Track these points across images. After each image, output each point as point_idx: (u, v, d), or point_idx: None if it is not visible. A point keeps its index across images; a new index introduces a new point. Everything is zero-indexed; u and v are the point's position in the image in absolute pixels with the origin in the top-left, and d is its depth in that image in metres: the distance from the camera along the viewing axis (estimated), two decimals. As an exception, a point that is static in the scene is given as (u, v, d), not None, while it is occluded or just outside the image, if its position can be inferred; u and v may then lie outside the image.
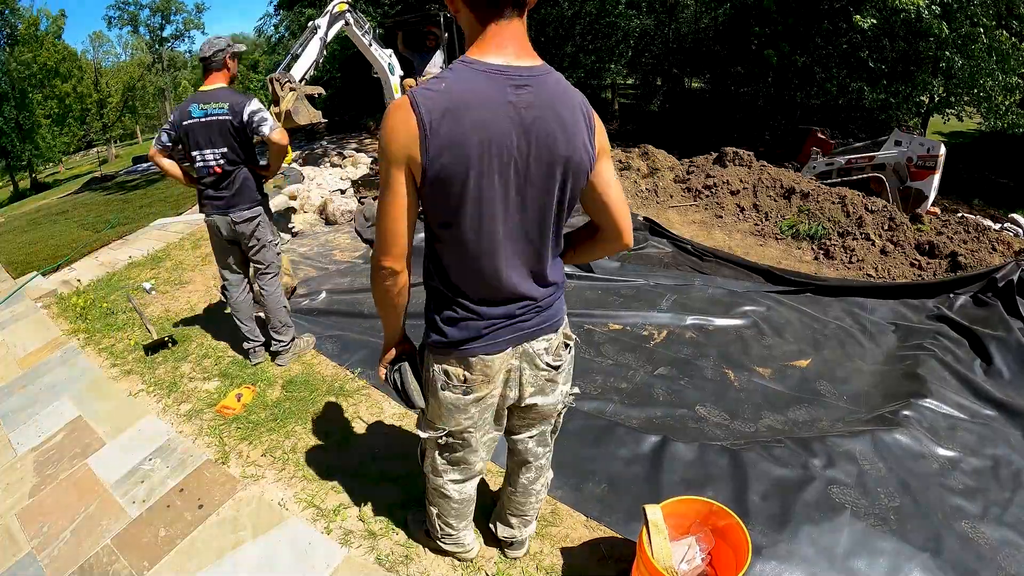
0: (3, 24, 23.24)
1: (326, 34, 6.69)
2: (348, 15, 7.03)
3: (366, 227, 6.81)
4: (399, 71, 8.32)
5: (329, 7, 6.75)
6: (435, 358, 1.57)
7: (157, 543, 2.40)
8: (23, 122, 23.12)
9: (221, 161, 3.09)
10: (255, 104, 3.07)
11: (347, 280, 5.34)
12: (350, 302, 4.75)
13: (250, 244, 3.33)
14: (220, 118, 3.01)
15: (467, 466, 1.81)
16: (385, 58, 7.97)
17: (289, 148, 5.99)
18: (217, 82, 3.11)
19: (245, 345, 3.64)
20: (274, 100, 5.80)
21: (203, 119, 3.01)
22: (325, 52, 6.87)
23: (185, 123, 3.04)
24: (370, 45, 7.62)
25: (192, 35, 38.75)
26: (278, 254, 3.50)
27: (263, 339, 3.69)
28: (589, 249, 1.65)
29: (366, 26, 7.44)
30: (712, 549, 2.00)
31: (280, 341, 3.61)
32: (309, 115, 6.00)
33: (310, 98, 6.08)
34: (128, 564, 2.32)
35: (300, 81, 6.04)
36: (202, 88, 3.10)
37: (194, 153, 3.09)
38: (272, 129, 3.06)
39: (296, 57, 6.27)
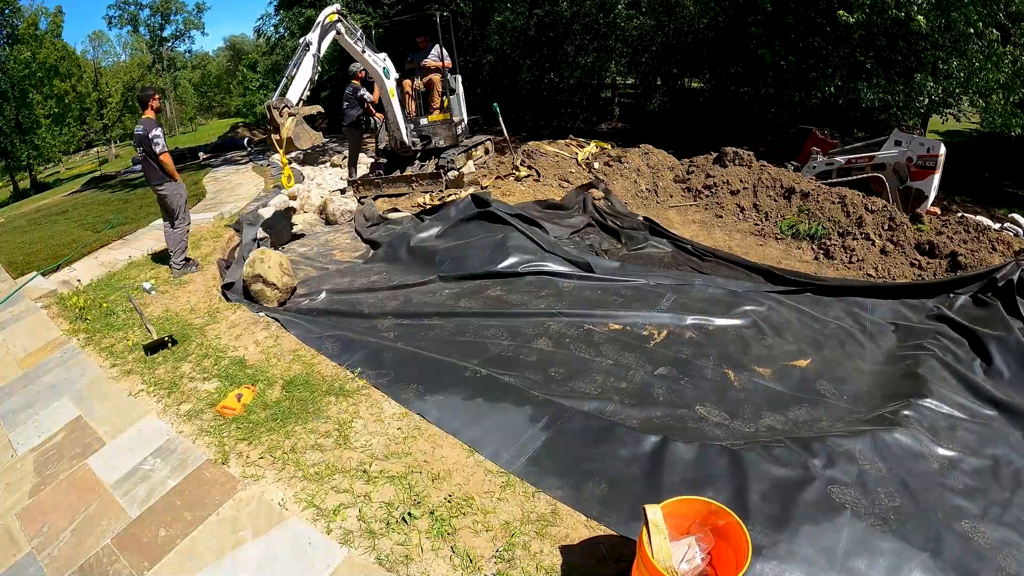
0: (3, 23, 23.23)
1: (319, 49, 6.59)
2: (339, 24, 6.95)
3: (366, 227, 6.82)
4: (394, 74, 8.29)
5: (319, 19, 6.65)
6: None
7: (157, 543, 2.41)
8: (23, 121, 23.10)
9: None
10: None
11: (347, 280, 5.34)
12: (350, 302, 4.75)
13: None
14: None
15: None
16: (379, 63, 7.93)
17: (289, 172, 6.23)
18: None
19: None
20: (274, 128, 5.78)
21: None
22: (320, 68, 6.76)
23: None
24: (363, 51, 7.57)
25: (192, 35, 38.80)
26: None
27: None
28: None
29: (358, 33, 7.44)
30: (712, 549, 2.00)
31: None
32: (310, 138, 6.17)
33: (311, 119, 6.18)
34: (128, 564, 2.32)
35: (298, 103, 6.03)
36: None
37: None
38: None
39: (291, 79, 6.21)
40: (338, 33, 6.94)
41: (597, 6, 16.18)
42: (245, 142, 16.53)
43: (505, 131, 10.08)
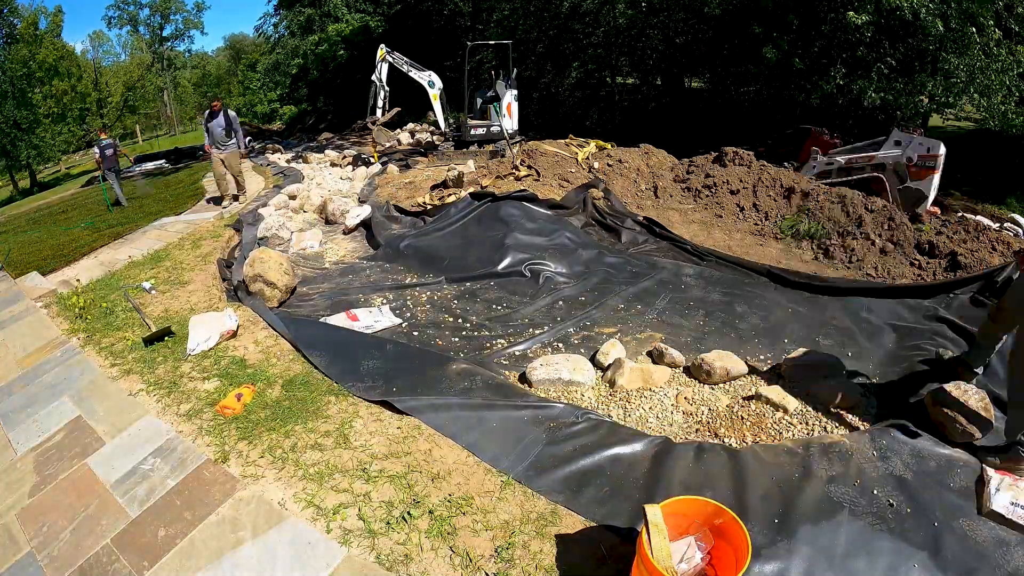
0: (2, 22, 23.20)
1: (380, 78, 10.97)
2: (388, 57, 10.98)
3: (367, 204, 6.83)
4: (439, 85, 11.46)
5: (377, 59, 10.96)
6: None
7: (157, 543, 2.41)
8: (21, 121, 23.05)
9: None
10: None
11: (347, 279, 5.34)
12: (350, 303, 4.75)
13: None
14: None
15: None
16: (424, 78, 11.25)
17: (376, 154, 10.15)
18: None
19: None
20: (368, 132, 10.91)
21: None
22: (387, 88, 11.29)
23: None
24: (408, 71, 11.12)
25: (192, 35, 38.79)
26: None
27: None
28: None
29: (403, 59, 11.18)
30: (712, 548, 2.01)
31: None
32: (388, 136, 11.22)
33: (388, 124, 11.53)
34: (128, 564, 2.32)
35: (381, 114, 11.23)
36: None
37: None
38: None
39: (372, 103, 11.20)
40: (390, 63, 11.06)
41: (597, 5, 16.17)
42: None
43: (505, 132, 10.22)
